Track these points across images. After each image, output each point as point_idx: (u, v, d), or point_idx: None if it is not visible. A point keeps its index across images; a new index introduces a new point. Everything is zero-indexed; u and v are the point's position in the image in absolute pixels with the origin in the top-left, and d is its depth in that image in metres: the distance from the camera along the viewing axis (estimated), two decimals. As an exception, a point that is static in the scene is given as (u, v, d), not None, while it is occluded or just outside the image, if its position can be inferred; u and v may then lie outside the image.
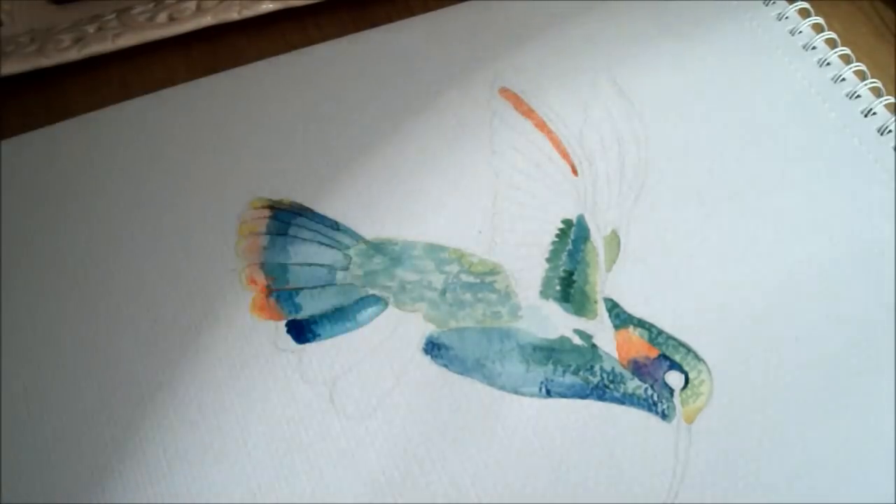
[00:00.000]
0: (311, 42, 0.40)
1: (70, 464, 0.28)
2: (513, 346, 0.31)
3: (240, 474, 0.28)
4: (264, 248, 0.33)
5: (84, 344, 0.31)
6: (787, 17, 0.40)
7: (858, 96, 0.37)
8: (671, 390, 0.30)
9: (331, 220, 0.34)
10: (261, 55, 0.39)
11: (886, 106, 0.37)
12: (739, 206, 0.34)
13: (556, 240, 0.33)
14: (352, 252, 0.33)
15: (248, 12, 0.39)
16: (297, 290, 0.32)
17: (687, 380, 0.30)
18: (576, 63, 0.38)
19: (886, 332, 0.31)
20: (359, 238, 0.33)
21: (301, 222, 0.34)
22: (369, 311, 0.32)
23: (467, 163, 0.35)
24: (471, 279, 0.32)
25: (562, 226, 0.34)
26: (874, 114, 0.36)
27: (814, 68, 0.38)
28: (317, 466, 0.28)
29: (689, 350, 0.31)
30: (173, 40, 0.39)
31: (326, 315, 0.32)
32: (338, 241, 0.33)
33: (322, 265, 0.33)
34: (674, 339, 0.31)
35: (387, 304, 0.32)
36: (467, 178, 0.35)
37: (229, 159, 0.35)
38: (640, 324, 0.31)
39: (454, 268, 0.33)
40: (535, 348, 0.31)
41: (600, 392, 0.30)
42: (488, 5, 0.41)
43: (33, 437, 0.29)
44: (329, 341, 0.31)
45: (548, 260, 0.33)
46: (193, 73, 0.39)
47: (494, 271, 0.33)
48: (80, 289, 0.32)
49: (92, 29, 0.39)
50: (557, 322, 0.31)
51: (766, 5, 0.40)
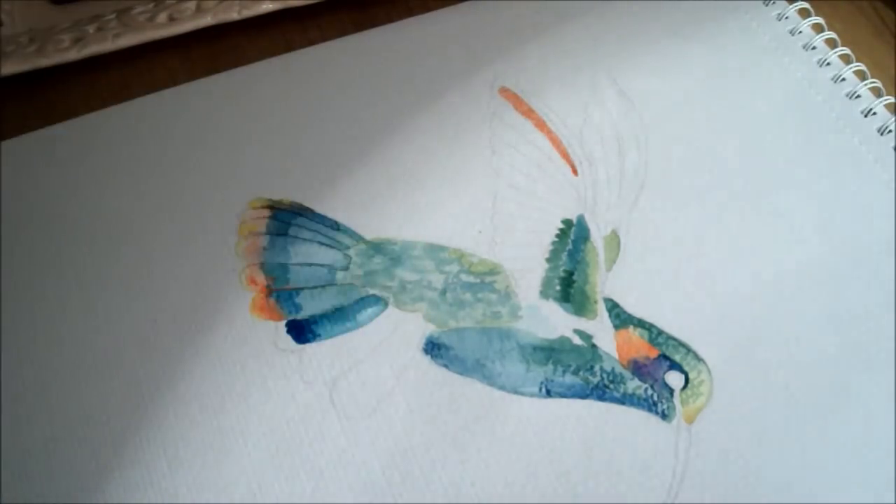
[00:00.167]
0: (311, 42, 0.40)
1: (70, 464, 0.29)
2: (513, 346, 0.31)
3: (240, 474, 0.28)
4: (264, 249, 0.33)
5: (84, 344, 0.31)
6: (787, 17, 0.40)
7: (858, 96, 0.37)
8: (671, 390, 0.30)
9: (331, 220, 0.34)
10: (261, 55, 0.39)
11: (886, 106, 0.37)
12: (739, 206, 0.34)
13: (556, 240, 0.33)
14: (352, 252, 0.33)
15: (248, 12, 0.39)
16: (297, 291, 0.32)
17: (687, 380, 0.30)
18: (576, 63, 0.38)
19: (886, 332, 0.31)
20: (359, 238, 0.33)
21: (301, 222, 0.34)
22: (369, 311, 0.32)
23: (467, 163, 0.35)
24: (471, 279, 0.32)
25: (562, 226, 0.34)
26: (874, 114, 0.36)
27: (814, 68, 0.38)
28: (317, 466, 0.28)
29: (689, 350, 0.31)
30: (173, 40, 0.39)
31: (326, 315, 0.32)
32: (338, 241, 0.33)
33: (322, 265, 0.33)
34: (674, 339, 0.31)
35: (387, 304, 0.32)
36: (467, 178, 0.35)
37: (229, 159, 0.35)
38: (640, 324, 0.31)
39: (454, 268, 0.33)
40: (535, 348, 0.31)
41: (600, 392, 0.30)
42: (488, 5, 0.41)
43: (33, 437, 0.29)
44: (329, 341, 0.31)
45: (548, 260, 0.33)
46: (193, 73, 0.39)
47: (494, 271, 0.33)
48: (80, 289, 0.32)
49: (92, 29, 0.39)
50: (557, 322, 0.31)
51: (766, 5, 0.40)
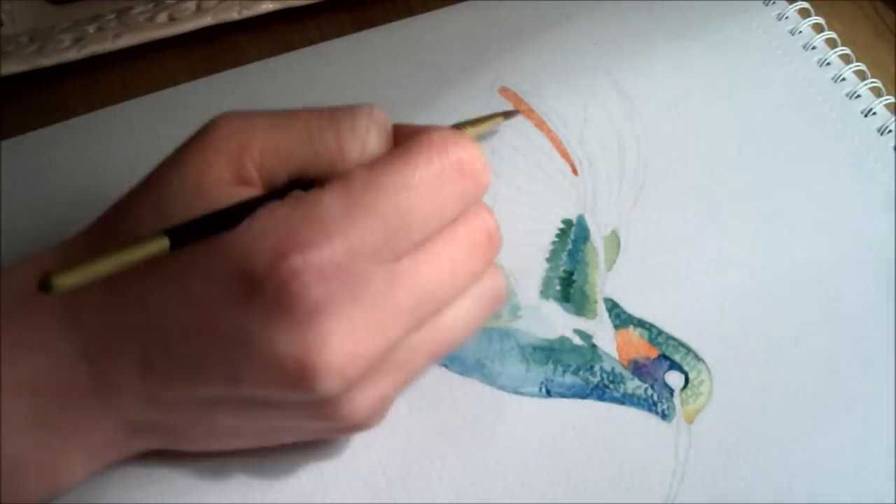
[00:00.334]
0: (311, 42, 0.40)
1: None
2: (513, 345, 0.31)
3: (240, 475, 0.28)
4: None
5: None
6: (787, 17, 0.40)
7: (858, 96, 0.37)
8: (671, 390, 0.30)
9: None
10: (261, 55, 0.39)
11: (886, 106, 0.37)
12: (739, 206, 0.34)
13: (556, 240, 0.33)
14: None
15: (248, 12, 0.39)
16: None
17: (687, 380, 0.30)
18: (576, 63, 0.38)
19: (886, 332, 0.31)
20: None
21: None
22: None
23: (467, 163, 0.35)
24: (471, 279, 0.32)
25: (562, 226, 0.34)
26: (874, 114, 0.36)
27: (814, 68, 0.38)
28: (317, 466, 0.28)
29: (689, 350, 0.31)
30: (173, 40, 0.39)
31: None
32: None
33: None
34: (674, 339, 0.31)
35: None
36: (467, 178, 0.35)
37: (229, 159, 0.35)
38: (640, 324, 0.31)
39: (454, 268, 0.32)
40: (535, 348, 0.31)
41: (600, 392, 0.30)
42: (488, 5, 0.41)
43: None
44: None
45: (548, 260, 0.33)
46: (193, 73, 0.39)
47: (494, 271, 0.32)
48: (80, 289, 0.32)
49: (92, 29, 0.39)
50: (557, 322, 0.31)
51: (766, 5, 0.40)
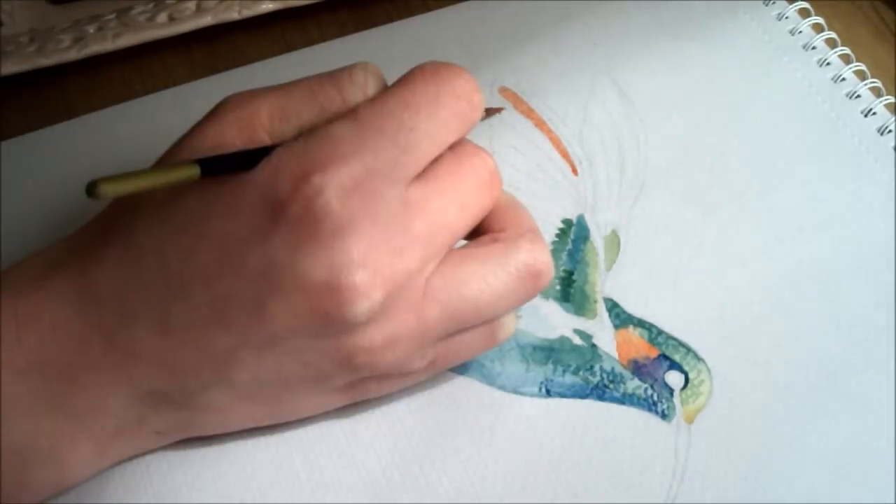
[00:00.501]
0: (311, 42, 0.40)
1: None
2: (512, 345, 0.31)
3: (240, 474, 0.28)
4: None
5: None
6: (787, 17, 0.39)
7: (858, 96, 0.37)
8: (671, 390, 0.30)
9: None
10: (261, 55, 0.39)
11: (886, 106, 0.37)
12: (739, 206, 0.34)
13: (556, 239, 0.33)
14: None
15: (248, 12, 0.39)
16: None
17: (687, 380, 0.30)
18: (575, 63, 0.38)
19: (886, 332, 0.31)
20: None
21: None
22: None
23: (467, 163, 0.35)
24: (471, 279, 0.32)
25: (562, 225, 0.34)
26: (874, 114, 0.36)
27: (814, 68, 0.38)
28: (317, 466, 0.28)
29: (689, 350, 0.31)
30: (173, 40, 0.39)
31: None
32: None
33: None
34: (674, 339, 0.31)
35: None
36: (467, 178, 0.35)
37: (229, 159, 0.35)
38: (640, 324, 0.31)
39: (454, 268, 0.32)
40: (535, 348, 0.31)
41: (600, 392, 0.30)
42: (488, 5, 0.41)
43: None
44: (329, 341, 0.31)
45: (548, 260, 0.33)
46: (193, 73, 0.39)
47: (494, 271, 0.32)
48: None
49: (92, 29, 0.39)
50: (557, 322, 0.31)
51: (766, 5, 0.40)
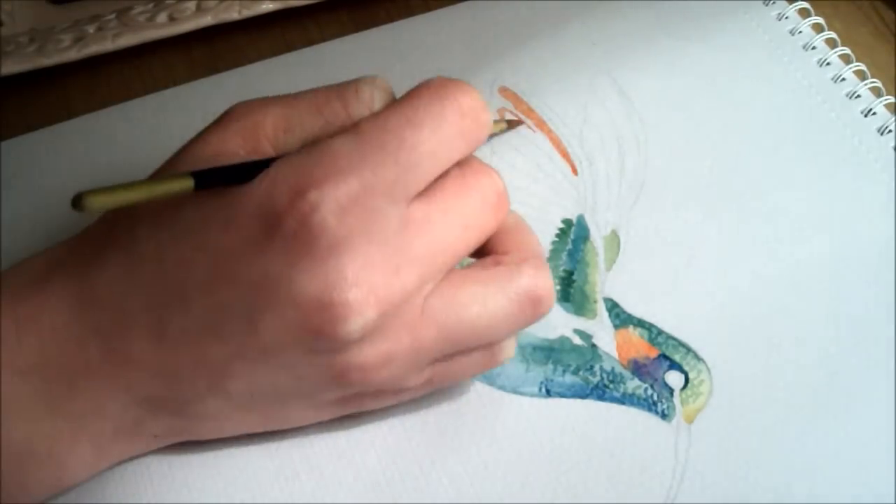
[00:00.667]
0: (311, 42, 0.40)
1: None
2: (513, 345, 0.31)
3: (240, 474, 0.28)
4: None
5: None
6: (787, 17, 0.39)
7: (858, 96, 0.37)
8: (671, 390, 0.30)
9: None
10: (261, 55, 0.39)
11: (886, 106, 0.37)
12: (739, 206, 0.34)
13: (556, 239, 0.33)
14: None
15: (248, 12, 0.39)
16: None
17: (687, 380, 0.30)
18: (575, 63, 0.38)
19: (886, 332, 0.31)
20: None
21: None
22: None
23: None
24: (471, 279, 0.32)
25: (562, 225, 0.34)
26: (874, 114, 0.36)
27: (814, 68, 0.38)
28: (317, 466, 0.28)
29: (689, 350, 0.31)
30: (173, 40, 0.39)
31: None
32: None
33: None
34: (674, 338, 0.31)
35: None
36: (467, 178, 0.35)
37: (229, 159, 0.35)
38: (640, 324, 0.31)
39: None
40: (535, 348, 0.31)
41: (600, 392, 0.30)
42: (488, 5, 0.41)
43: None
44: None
45: (548, 259, 0.33)
46: (193, 73, 0.39)
47: (494, 271, 0.32)
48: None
49: (92, 29, 0.39)
50: (557, 322, 0.31)
51: (766, 5, 0.40)
